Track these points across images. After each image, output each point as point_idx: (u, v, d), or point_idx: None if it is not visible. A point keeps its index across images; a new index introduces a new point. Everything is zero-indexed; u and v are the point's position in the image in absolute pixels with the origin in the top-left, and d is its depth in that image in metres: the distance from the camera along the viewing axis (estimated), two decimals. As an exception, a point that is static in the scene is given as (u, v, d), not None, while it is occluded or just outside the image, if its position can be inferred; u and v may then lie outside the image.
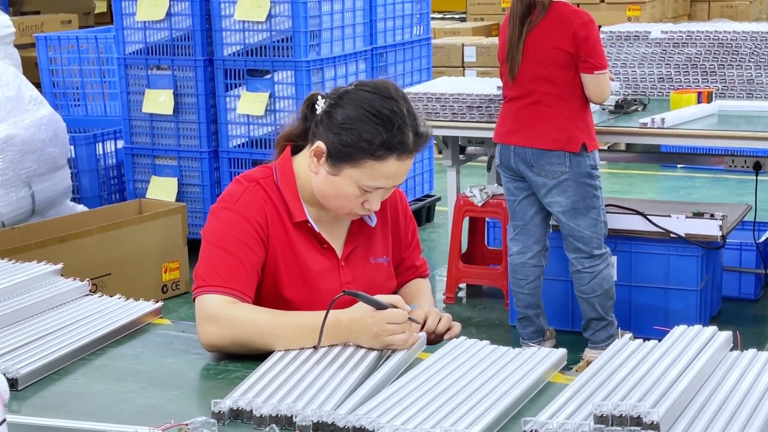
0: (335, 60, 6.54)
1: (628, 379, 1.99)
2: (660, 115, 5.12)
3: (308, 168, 2.49)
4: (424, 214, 7.55)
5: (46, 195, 6.23)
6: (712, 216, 5.04)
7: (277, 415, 1.97)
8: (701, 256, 5.08)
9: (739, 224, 5.37)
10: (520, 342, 5.00)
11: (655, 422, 1.80)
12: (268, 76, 6.41)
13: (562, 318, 5.36)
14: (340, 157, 2.42)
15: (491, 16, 11.09)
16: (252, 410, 1.99)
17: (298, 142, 2.57)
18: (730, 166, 5.80)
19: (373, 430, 1.88)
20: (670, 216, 5.09)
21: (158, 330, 2.58)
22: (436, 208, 7.71)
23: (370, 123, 2.40)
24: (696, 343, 2.17)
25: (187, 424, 1.90)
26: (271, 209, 2.50)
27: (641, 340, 2.23)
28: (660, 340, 2.21)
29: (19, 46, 7.17)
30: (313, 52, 6.36)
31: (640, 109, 5.55)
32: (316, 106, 2.49)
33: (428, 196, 7.64)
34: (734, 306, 5.68)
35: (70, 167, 6.61)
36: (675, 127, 5.12)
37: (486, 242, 6.14)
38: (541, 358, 2.23)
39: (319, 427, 1.92)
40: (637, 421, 1.81)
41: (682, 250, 5.10)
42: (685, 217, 5.06)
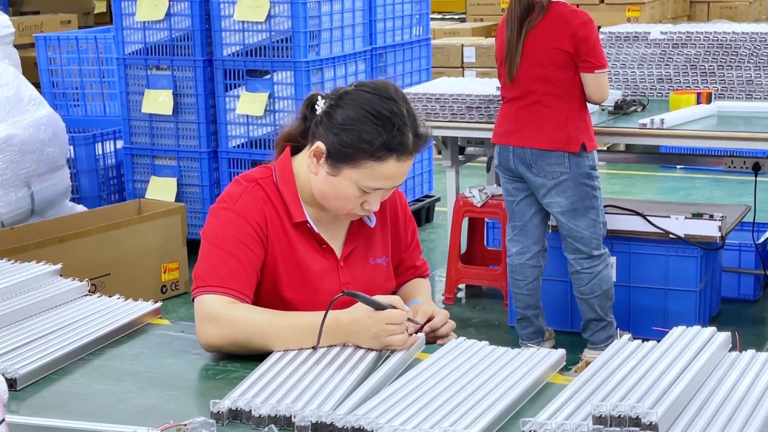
0: (335, 60, 6.54)
1: (627, 380, 1.99)
2: (659, 116, 5.12)
3: (308, 168, 2.49)
4: (424, 215, 7.55)
5: (46, 195, 6.23)
6: (712, 217, 5.04)
7: (276, 415, 1.97)
8: (700, 256, 5.09)
9: (738, 225, 5.37)
10: (519, 342, 5.00)
11: (654, 423, 1.80)
12: (268, 77, 6.41)
13: (561, 319, 5.36)
14: (340, 157, 2.42)
15: (491, 16, 11.09)
16: (251, 410, 1.99)
17: (297, 142, 2.57)
18: (730, 167, 5.80)
19: (372, 431, 1.88)
20: (669, 217, 5.09)
21: (157, 330, 2.58)
22: (436, 209, 7.71)
23: (370, 124, 2.40)
24: (695, 344, 2.17)
25: (186, 425, 1.90)
26: (270, 210, 2.50)
27: (640, 341, 2.23)
28: (659, 341, 2.21)
29: (18, 46, 7.17)
30: (313, 53, 6.36)
31: (639, 109, 5.55)
32: (316, 107, 2.49)
33: (428, 197, 7.64)
34: (733, 307, 5.69)
35: (70, 167, 6.60)
36: (674, 128, 5.12)
37: (485, 243, 6.14)
38: (540, 359, 2.23)
39: (318, 428, 1.92)
40: (636, 422, 1.81)
41: (681, 251, 5.11)
42: (685, 218, 5.06)
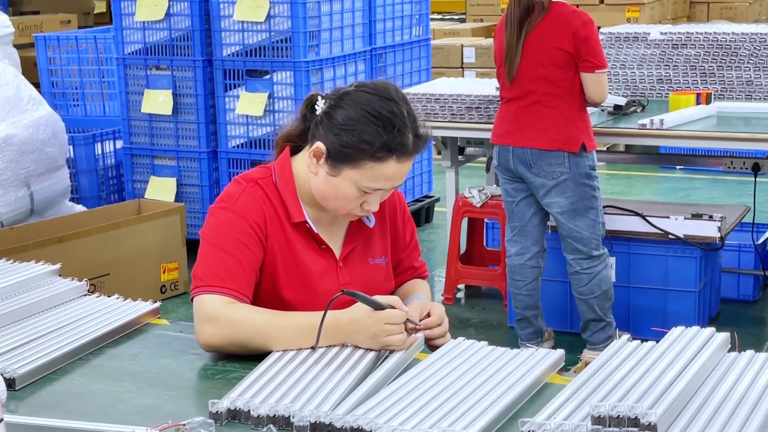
0: (334, 61, 6.54)
1: (626, 380, 1.99)
2: (659, 117, 5.12)
3: (307, 168, 2.49)
4: (423, 215, 7.55)
5: (45, 195, 6.22)
6: (711, 217, 5.04)
7: (275, 415, 1.97)
8: (700, 257, 5.08)
9: (737, 225, 5.37)
10: (519, 343, 5.00)
11: (653, 423, 1.80)
12: (267, 77, 6.41)
13: (561, 319, 5.36)
14: (340, 158, 2.42)
15: (491, 17, 11.09)
16: (249, 410, 1.99)
17: (297, 142, 2.57)
18: (729, 168, 5.80)
19: (371, 431, 1.88)
20: (668, 217, 5.09)
21: (156, 330, 2.58)
22: (435, 209, 7.70)
23: (370, 124, 2.39)
24: (694, 345, 2.17)
25: (185, 425, 1.90)
26: (269, 210, 2.50)
27: (639, 341, 2.23)
28: (658, 341, 2.21)
29: (18, 46, 7.16)
30: (312, 53, 6.36)
31: (639, 110, 5.55)
32: (316, 107, 2.48)
33: (427, 197, 7.63)
34: (733, 307, 5.68)
35: (69, 167, 6.60)
36: (674, 129, 5.12)
37: (485, 243, 6.14)
38: (539, 359, 2.23)
39: (317, 428, 1.92)
40: (635, 422, 1.80)
41: (680, 252, 5.11)
42: (684, 219, 5.06)
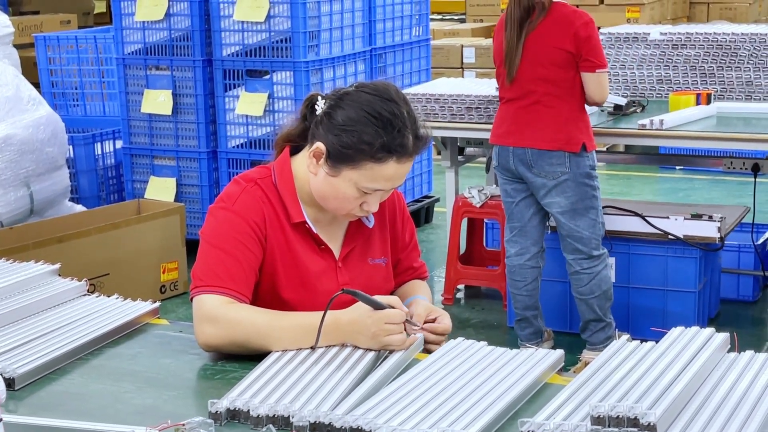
0: (334, 61, 6.54)
1: (626, 381, 1.99)
2: (659, 117, 5.12)
3: (307, 169, 2.49)
4: (423, 215, 7.54)
5: (45, 195, 6.22)
6: (711, 218, 5.04)
7: (274, 415, 1.97)
8: (699, 257, 5.08)
9: (737, 226, 5.37)
10: (518, 343, 5.00)
11: (652, 423, 1.80)
12: (267, 77, 6.41)
13: (560, 319, 5.36)
14: (340, 158, 2.42)
15: (491, 17, 11.09)
16: (249, 410, 1.99)
17: (297, 142, 2.57)
18: (729, 168, 5.79)
19: (371, 431, 1.88)
20: (668, 217, 5.09)
21: (156, 330, 2.58)
22: (435, 209, 7.70)
23: (370, 125, 2.39)
24: (693, 345, 2.17)
25: (184, 425, 1.90)
26: (269, 210, 2.50)
27: (639, 342, 2.23)
28: (657, 342, 2.21)
29: (18, 46, 7.16)
30: (312, 53, 6.36)
31: (638, 110, 5.55)
32: (316, 107, 2.48)
33: (427, 197, 7.63)
34: (732, 308, 5.68)
35: (69, 167, 6.60)
36: (674, 129, 5.12)
37: (484, 243, 6.14)
38: (539, 359, 2.23)
39: (316, 428, 1.92)
40: (634, 423, 1.80)
41: (680, 252, 5.10)
42: (684, 219, 5.06)
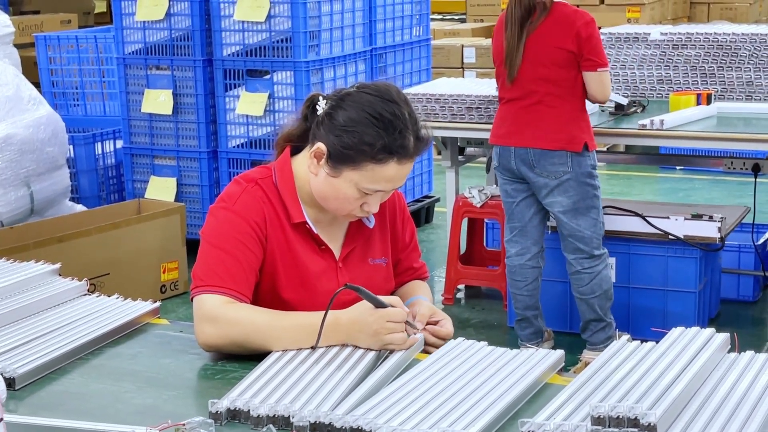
0: (334, 61, 6.54)
1: (626, 381, 1.99)
2: (659, 117, 5.12)
3: (308, 169, 2.49)
4: (423, 215, 7.54)
5: (45, 195, 6.22)
6: (711, 218, 5.04)
7: (275, 415, 1.97)
8: (700, 257, 5.08)
9: (737, 226, 5.37)
10: (519, 343, 5.00)
11: (652, 424, 1.79)
12: (268, 77, 6.41)
13: (561, 319, 5.36)
14: (341, 159, 2.42)
15: (491, 17, 11.08)
16: (249, 410, 1.99)
17: (297, 142, 2.56)
18: (729, 168, 5.79)
19: (371, 431, 1.88)
20: (668, 218, 5.09)
21: (156, 330, 2.58)
22: (435, 209, 7.70)
23: (371, 126, 2.39)
24: (694, 345, 2.17)
25: (184, 424, 1.90)
26: (269, 210, 2.50)
27: (639, 342, 2.23)
28: (658, 342, 2.21)
29: (18, 46, 7.16)
30: (313, 53, 6.36)
31: (639, 110, 5.55)
32: (317, 107, 2.48)
33: (427, 197, 7.63)
34: (732, 308, 5.68)
35: (69, 167, 6.60)
36: (674, 129, 5.12)
37: (485, 243, 6.14)
38: (539, 360, 2.23)
39: (317, 428, 1.92)
40: (635, 423, 1.80)
41: (680, 252, 5.10)
42: (684, 219, 5.06)
